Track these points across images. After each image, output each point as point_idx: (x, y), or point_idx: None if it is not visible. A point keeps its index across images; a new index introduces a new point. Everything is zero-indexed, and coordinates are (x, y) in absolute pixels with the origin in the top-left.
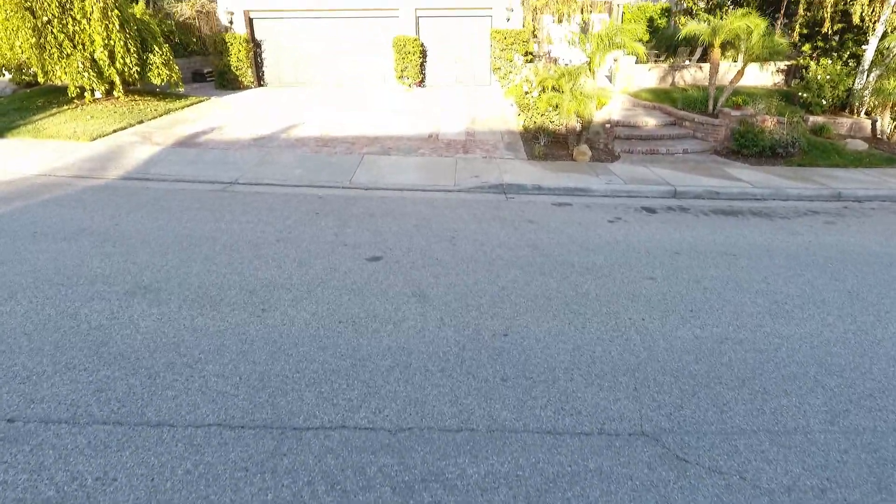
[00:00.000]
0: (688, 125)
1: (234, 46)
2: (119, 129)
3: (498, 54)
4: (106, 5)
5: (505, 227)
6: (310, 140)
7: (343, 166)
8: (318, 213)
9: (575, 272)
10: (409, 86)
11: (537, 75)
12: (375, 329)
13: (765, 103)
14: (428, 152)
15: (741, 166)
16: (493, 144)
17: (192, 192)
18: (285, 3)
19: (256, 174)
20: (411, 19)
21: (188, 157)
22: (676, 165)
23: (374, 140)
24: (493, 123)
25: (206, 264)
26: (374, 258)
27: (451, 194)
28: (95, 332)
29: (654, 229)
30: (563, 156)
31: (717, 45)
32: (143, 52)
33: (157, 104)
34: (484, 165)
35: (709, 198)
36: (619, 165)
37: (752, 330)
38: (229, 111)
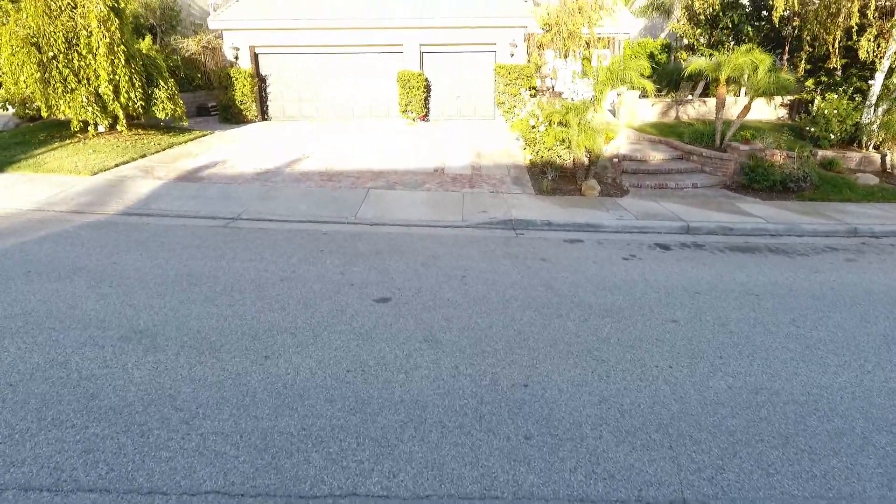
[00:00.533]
0: (696, 159)
1: (239, 81)
2: (121, 163)
3: (502, 89)
4: (112, 41)
5: (517, 266)
6: (314, 174)
7: (348, 201)
8: (323, 250)
9: (593, 314)
10: (413, 120)
11: (543, 110)
12: (386, 378)
13: (773, 137)
14: (434, 187)
15: (752, 201)
16: (500, 179)
17: (194, 229)
18: (291, 39)
19: (259, 209)
20: (415, 54)
21: (190, 191)
22: (687, 200)
23: (379, 174)
24: (498, 157)
25: (206, 306)
26: (383, 299)
27: (459, 230)
28: (86, 383)
29: (671, 267)
30: (572, 190)
31: (723, 81)
32: (148, 86)
33: (160, 138)
34: (491, 200)
35: (723, 234)
36: (629, 200)
37: (787, 379)
38: (233, 145)
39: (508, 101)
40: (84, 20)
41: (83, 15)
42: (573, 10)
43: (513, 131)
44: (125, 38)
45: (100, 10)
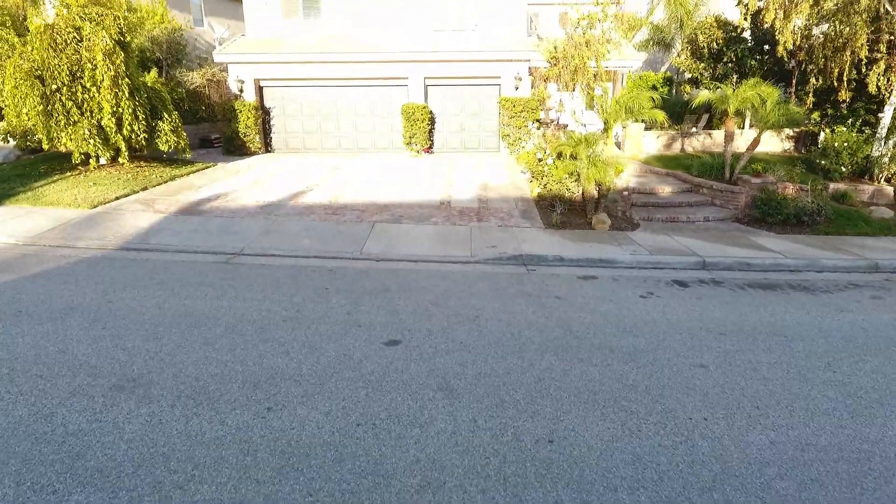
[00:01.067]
0: (705, 192)
1: (243, 113)
2: (122, 195)
3: (507, 121)
4: (117, 74)
5: (531, 304)
6: (318, 207)
7: (353, 235)
8: (329, 288)
9: (616, 358)
10: (417, 152)
11: (550, 142)
12: (399, 434)
13: (784, 170)
14: (441, 220)
15: (767, 235)
16: (508, 212)
17: (194, 265)
18: (296, 72)
19: (262, 244)
20: (420, 87)
21: (191, 225)
22: (699, 234)
23: (385, 207)
24: (505, 190)
25: (204, 350)
26: (392, 342)
27: (468, 266)
28: (72, 440)
29: (692, 306)
30: (582, 224)
31: (731, 113)
32: (152, 118)
33: (162, 170)
34: (500, 234)
35: (740, 269)
36: (641, 234)
37: (832, 433)
38: (235, 177)
39: (513, 134)
40: (89, 53)
41: (89, 48)
42: (581, 43)
43: (519, 164)
44: (130, 70)
45: (105, 44)
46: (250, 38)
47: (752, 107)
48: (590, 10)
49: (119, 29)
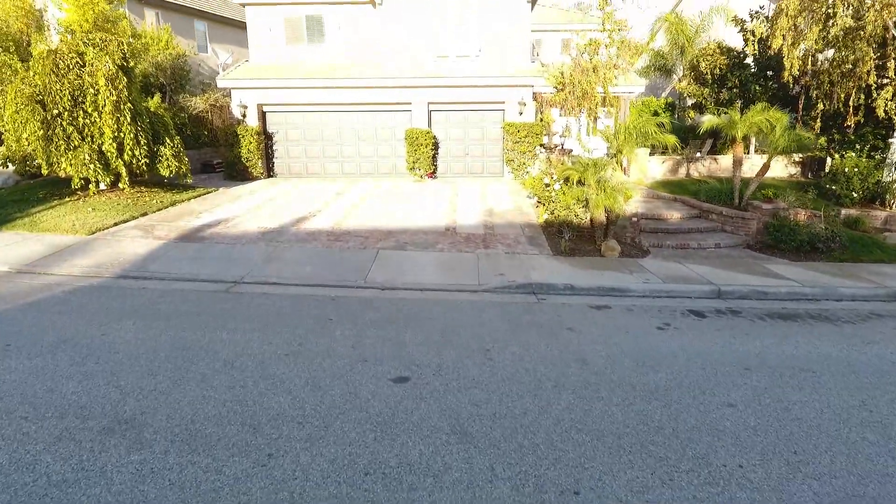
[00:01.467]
0: (715, 218)
1: (246, 138)
2: (121, 221)
3: (511, 146)
4: (119, 99)
5: (543, 337)
6: (321, 234)
7: (357, 263)
8: (332, 319)
9: (638, 396)
10: (420, 177)
11: (556, 168)
12: (412, 484)
13: (794, 195)
14: (446, 247)
15: (781, 262)
16: (515, 239)
17: (193, 294)
18: (299, 97)
19: (263, 272)
20: (424, 112)
21: (191, 252)
22: (712, 261)
23: (389, 234)
24: (511, 216)
25: (201, 388)
26: (401, 379)
27: (476, 295)
28: (55, 492)
29: (712, 338)
30: (591, 251)
31: (739, 139)
32: (154, 143)
33: (163, 195)
34: (508, 262)
35: (757, 298)
36: (652, 261)
37: (880, 482)
38: (237, 203)
39: (517, 159)
40: (92, 78)
41: (91, 73)
42: (588, 69)
43: (524, 189)
44: (133, 96)
45: (108, 69)
46: (254, 63)
47: (760, 132)
48: (597, 36)
49: (122, 54)
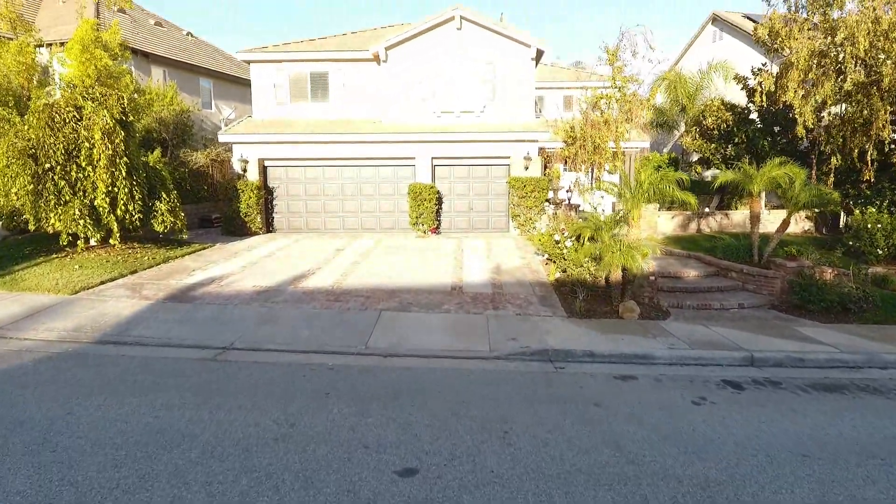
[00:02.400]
0: (735, 276)
1: (245, 193)
2: (108, 280)
3: (517, 201)
4: (115, 153)
5: (568, 415)
6: (320, 293)
7: (358, 326)
8: (329, 393)
9: (687, 494)
10: (424, 232)
11: (566, 223)
12: None
13: (818, 253)
14: (453, 308)
15: (811, 324)
16: (525, 299)
17: (176, 362)
18: (301, 152)
19: (256, 337)
20: (427, 167)
21: (179, 314)
22: (737, 323)
23: (392, 293)
24: (519, 274)
25: (173, 485)
26: (408, 471)
27: (488, 363)
28: None
29: (756, 417)
30: (608, 312)
31: (756, 194)
32: (150, 198)
33: (156, 252)
34: (520, 324)
35: (793, 366)
36: (674, 324)
37: None
38: (233, 259)
39: (523, 214)
40: (88, 132)
41: (88, 127)
42: (599, 123)
43: (533, 245)
44: (130, 150)
45: (105, 123)
46: (257, 118)
47: (778, 187)
48: (608, 91)
49: (122, 108)
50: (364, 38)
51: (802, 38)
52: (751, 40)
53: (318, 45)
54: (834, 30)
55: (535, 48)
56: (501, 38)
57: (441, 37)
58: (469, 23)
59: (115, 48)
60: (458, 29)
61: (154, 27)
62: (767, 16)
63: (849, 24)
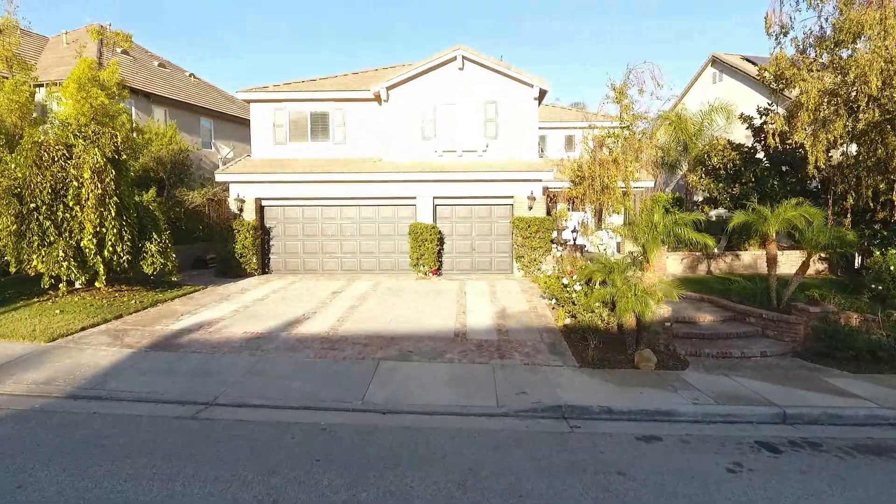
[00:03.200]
0: (753, 321)
1: (241, 233)
2: (90, 325)
3: (521, 242)
4: (105, 192)
5: (588, 486)
6: (314, 340)
7: (353, 377)
8: (320, 459)
9: None
10: (425, 274)
11: (575, 266)
12: None
13: (840, 296)
14: (457, 357)
15: (840, 374)
16: (533, 346)
17: (152, 421)
18: (300, 192)
19: (242, 391)
20: (429, 207)
21: (162, 363)
22: (762, 373)
23: (391, 341)
24: (526, 318)
25: None
26: None
27: (496, 420)
28: None
29: (801, 488)
30: (622, 361)
31: (772, 235)
32: (140, 239)
33: (144, 294)
34: (528, 376)
35: (830, 423)
36: (694, 374)
37: None
38: (225, 303)
39: (528, 255)
40: (77, 171)
41: (77, 165)
42: (608, 161)
43: (540, 288)
44: (121, 189)
45: (96, 161)
46: (255, 158)
47: (795, 228)
48: (615, 129)
49: (115, 147)
50: (365, 78)
51: (811, 79)
52: (751, 81)
53: (318, 84)
54: (844, 69)
55: (537, 87)
56: (504, 77)
57: (443, 76)
58: (471, 62)
59: (112, 87)
60: (459, 69)
61: (157, 69)
62: (774, 55)
63: (860, 63)
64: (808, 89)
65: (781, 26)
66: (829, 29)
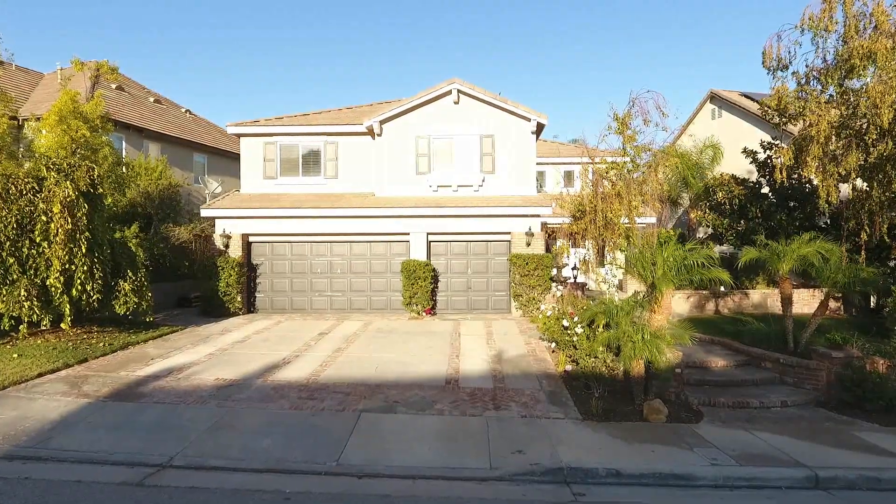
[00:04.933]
0: (770, 367)
1: (226, 271)
2: (48, 371)
3: (518, 280)
4: (76, 228)
5: None
6: (292, 389)
7: (331, 433)
8: None
9: None
10: (418, 313)
11: (577, 306)
12: None
13: (863, 339)
14: (447, 408)
15: (870, 427)
16: (532, 395)
17: (89, 489)
18: (289, 228)
19: (202, 449)
20: (422, 243)
21: (118, 416)
22: (785, 427)
23: (376, 389)
24: (523, 362)
25: None
26: None
27: (488, 487)
28: None
29: None
30: (629, 413)
31: (785, 273)
32: (114, 277)
33: (115, 336)
34: (526, 430)
35: (869, 488)
36: (710, 428)
37: None
38: (202, 345)
39: (526, 294)
40: (46, 205)
41: (46, 199)
42: (611, 196)
43: (539, 330)
44: (94, 224)
45: (67, 195)
46: (244, 192)
47: (810, 266)
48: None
49: (91, 180)
50: (359, 112)
51: (820, 111)
52: (750, 116)
53: (311, 119)
54: (854, 101)
55: (535, 121)
56: (500, 110)
57: (438, 110)
58: (467, 96)
59: (95, 119)
60: (455, 102)
61: (153, 104)
62: (775, 89)
63: (871, 95)
64: (818, 122)
65: (779, 60)
66: (833, 61)
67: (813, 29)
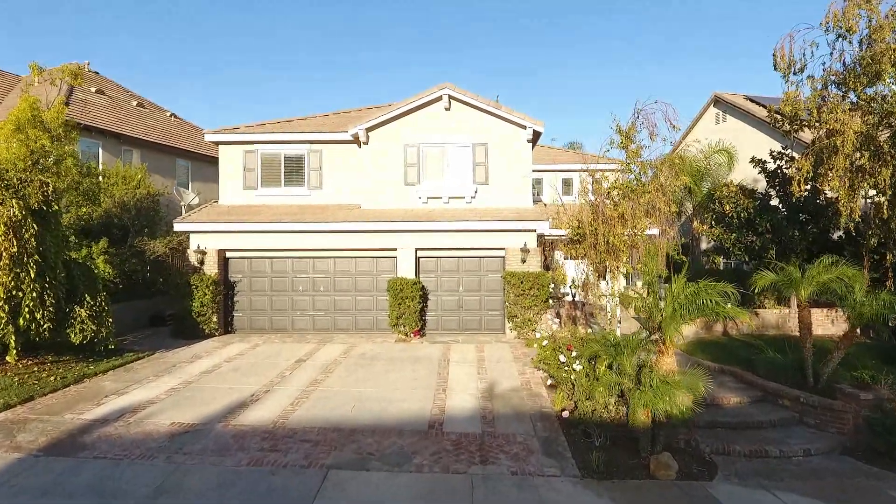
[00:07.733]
0: (788, 405)
1: (200, 289)
2: None
3: (513, 299)
4: (24, 251)
5: None
6: (255, 436)
7: (290, 497)
8: None
9: None
10: (405, 335)
11: (573, 335)
12: None
13: (893, 375)
14: (427, 461)
15: None
16: (524, 443)
17: None
18: (269, 243)
19: None
20: (411, 259)
21: (48, 477)
22: (810, 484)
23: (350, 435)
24: (516, 399)
25: None
26: None
27: None
28: None
29: None
30: (634, 468)
31: (803, 300)
32: (68, 302)
33: (70, 368)
34: (517, 494)
35: None
36: (726, 487)
37: None
38: (166, 377)
39: (521, 314)
40: None
41: None
42: (613, 218)
43: (534, 363)
44: (46, 245)
45: (13, 214)
46: (222, 204)
47: (832, 293)
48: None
49: (44, 196)
50: (346, 118)
51: (846, 119)
52: (757, 121)
53: (294, 125)
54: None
55: (531, 128)
56: (494, 118)
57: (428, 117)
58: (458, 102)
59: (57, 128)
60: (446, 109)
61: (135, 108)
62: (788, 94)
63: None
64: (845, 131)
65: (791, 63)
66: (854, 64)
67: (838, 27)
